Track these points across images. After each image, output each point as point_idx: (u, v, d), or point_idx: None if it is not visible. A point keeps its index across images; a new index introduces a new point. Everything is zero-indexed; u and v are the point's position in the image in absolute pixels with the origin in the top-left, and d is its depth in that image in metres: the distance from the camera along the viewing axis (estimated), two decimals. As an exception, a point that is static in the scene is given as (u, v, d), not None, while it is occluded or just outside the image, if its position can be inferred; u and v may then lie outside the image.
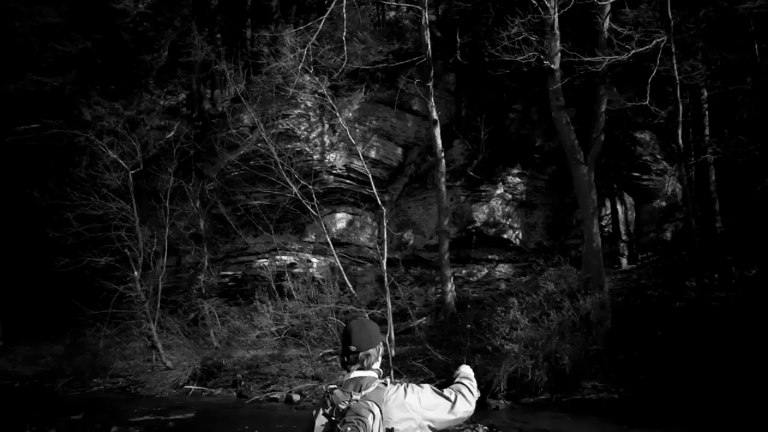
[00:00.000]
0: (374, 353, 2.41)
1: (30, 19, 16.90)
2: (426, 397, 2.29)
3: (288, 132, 17.54)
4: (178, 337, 15.39)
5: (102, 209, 14.51)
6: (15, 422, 10.09)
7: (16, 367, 17.78)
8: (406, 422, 2.22)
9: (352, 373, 2.37)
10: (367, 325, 2.54)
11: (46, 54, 16.80)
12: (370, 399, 2.20)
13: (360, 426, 2.14)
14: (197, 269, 18.11)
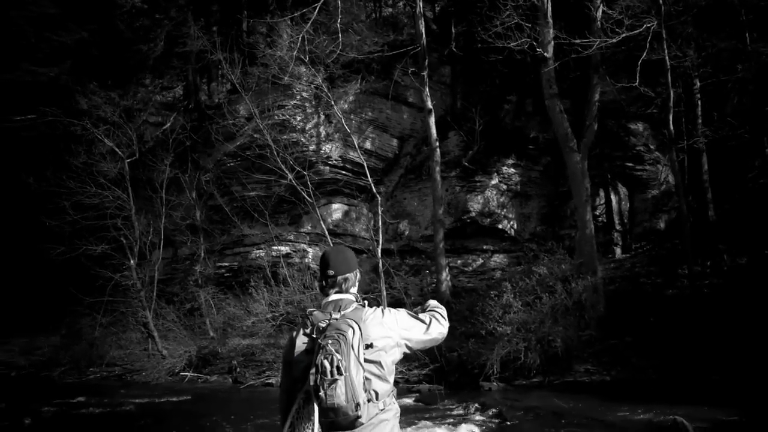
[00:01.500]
0: (352, 278, 2.49)
1: (26, 9, 16.93)
2: (402, 318, 2.37)
3: (284, 123, 17.61)
4: (174, 325, 15.44)
5: (98, 198, 14.56)
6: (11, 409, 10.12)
7: (13, 358, 17.81)
8: (385, 339, 2.30)
9: (330, 296, 2.46)
10: (344, 251, 2.63)
11: (41, 44, 16.83)
12: (350, 318, 2.28)
13: (341, 339, 2.22)
14: (193, 260, 18.17)
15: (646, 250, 16.61)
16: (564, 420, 7.81)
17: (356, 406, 2.14)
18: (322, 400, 2.23)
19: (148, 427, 8.56)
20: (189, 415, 9.47)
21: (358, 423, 2.19)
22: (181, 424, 8.59)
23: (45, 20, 17.02)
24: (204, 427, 8.28)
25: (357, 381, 2.15)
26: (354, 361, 2.18)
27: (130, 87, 16.66)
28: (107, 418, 9.43)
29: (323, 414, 2.24)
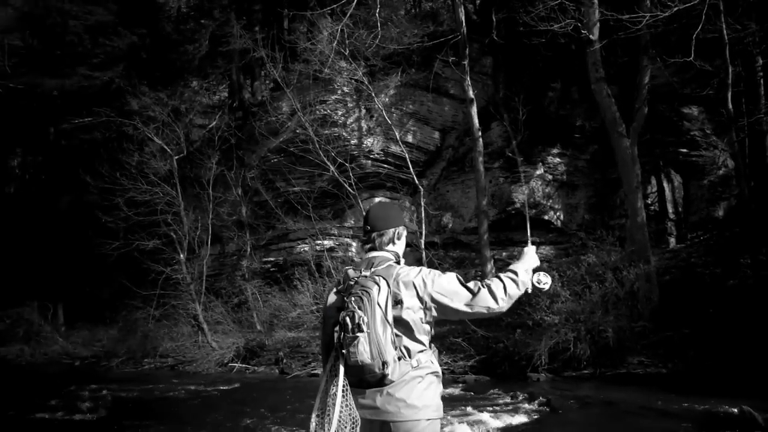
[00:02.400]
0: (390, 234, 2.41)
1: (82, 18, 17.79)
2: (441, 282, 2.24)
3: (325, 117, 17.75)
4: (223, 317, 15.83)
5: (149, 194, 15.09)
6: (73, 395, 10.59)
7: (76, 349, 18.76)
8: (413, 299, 2.21)
9: (368, 254, 2.40)
10: (385, 207, 2.55)
11: (96, 50, 17.65)
12: (379, 274, 2.22)
13: (364, 296, 2.15)
14: (240, 255, 18.59)
15: (703, 240, 15.79)
16: (618, 409, 7.50)
17: (383, 363, 2.08)
18: (346, 357, 2.18)
19: (199, 412, 8.78)
20: (237, 401, 9.66)
21: (387, 381, 2.12)
22: (230, 410, 8.77)
23: (100, 27, 17.82)
24: (251, 413, 8.42)
25: (384, 338, 2.09)
26: (380, 319, 2.11)
27: (177, 87, 17.22)
28: (161, 404, 9.75)
29: (350, 371, 2.17)
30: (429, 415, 2.18)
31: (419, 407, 2.15)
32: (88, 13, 17.84)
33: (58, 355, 18.65)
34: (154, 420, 8.14)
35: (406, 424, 2.14)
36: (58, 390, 11.36)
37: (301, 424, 7.35)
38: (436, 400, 2.23)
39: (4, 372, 16.24)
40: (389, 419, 2.14)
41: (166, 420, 8.10)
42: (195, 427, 7.39)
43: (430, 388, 2.22)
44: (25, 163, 27.87)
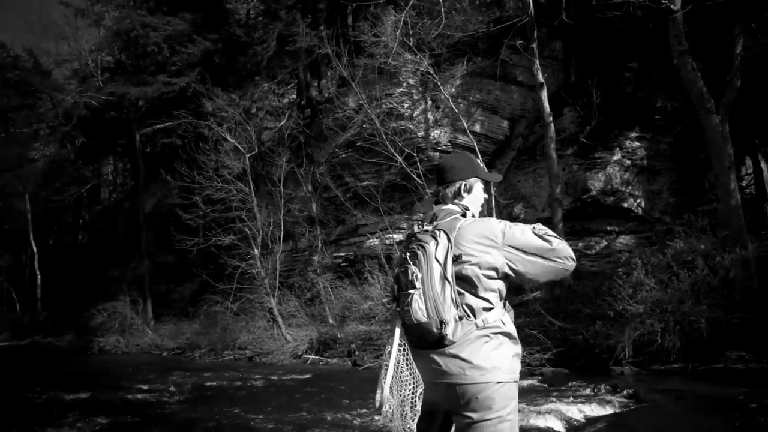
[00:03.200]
0: (456, 186, 2.26)
1: (162, 29, 18.89)
2: (514, 233, 2.06)
3: (392, 111, 17.74)
4: (297, 311, 16.22)
5: (224, 192, 15.74)
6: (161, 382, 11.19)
7: (163, 341, 19.95)
8: (480, 253, 2.04)
9: (434, 208, 2.28)
10: (454, 158, 2.39)
11: (174, 58, 18.68)
12: (440, 228, 2.07)
13: (419, 251, 2.01)
14: (312, 250, 18.99)
15: (808, 224, 14.27)
16: (714, 404, 6.87)
17: (441, 323, 1.92)
18: (402, 315, 2.06)
19: (273, 397, 8.99)
20: (310, 389, 9.82)
21: (447, 341, 1.96)
22: (304, 396, 8.92)
23: (177, 37, 18.84)
24: (324, 398, 8.52)
25: (442, 296, 1.93)
26: (438, 275, 1.95)
27: (248, 88, 17.85)
28: (238, 389, 10.09)
29: (408, 331, 2.04)
30: (499, 377, 2.00)
31: (486, 368, 1.98)
32: (166, 24, 18.93)
33: (148, 346, 19.93)
34: (231, 402, 8.43)
35: (473, 386, 1.98)
36: (149, 376, 12.16)
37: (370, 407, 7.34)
38: (507, 361, 2.04)
39: (104, 359, 17.55)
40: (453, 381, 1.99)
41: (243, 403, 8.36)
42: (270, 409, 7.56)
43: (501, 349, 2.04)
44: (116, 169, 30.02)
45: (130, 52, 22.15)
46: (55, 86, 25.44)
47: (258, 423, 6.81)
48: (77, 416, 7.47)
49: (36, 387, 10.17)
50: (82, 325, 23.26)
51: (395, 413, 2.07)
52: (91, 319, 21.80)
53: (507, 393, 2.02)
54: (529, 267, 2.05)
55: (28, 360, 18.74)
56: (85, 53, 25.40)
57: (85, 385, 10.55)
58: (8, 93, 27.42)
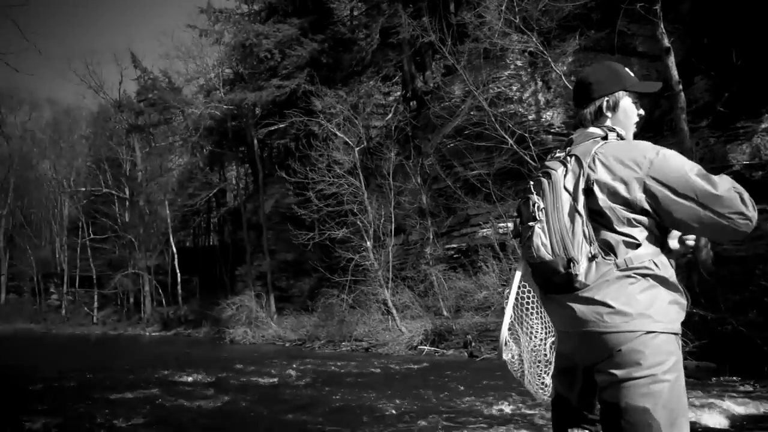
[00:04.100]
0: (598, 104, 1.88)
1: (272, 36, 19.95)
2: (666, 164, 1.61)
3: (500, 95, 17.13)
4: (411, 301, 16.24)
5: (336, 186, 16.18)
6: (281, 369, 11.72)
7: (285, 333, 21.06)
8: (617, 183, 1.65)
9: (574, 133, 1.95)
10: (595, 71, 1.95)
11: (285, 62, 19.64)
12: (573, 153, 1.75)
13: (544, 179, 1.72)
14: (423, 242, 18.93)
15: None
16: None
17: (569, 261, 1.60)
18: (524, 253, 1.76)
19: (389, 383, 8.97)
20: (428, 378, 9.69)
21: (578, 283, 1.62)
22: (423, 384, 8.80)
23: (286, 41, 19.78)
24: (443, 386, 8.33)
25: (570, 230, 1.61)
26: (567, 206, 1.63)
27: (354, 84, 18.21)
28: (355, 376, 10.24)
29: (534, 271, 1.74)
30: (649, 326, 1.60)
31: (631, 314, 1.60)
32: (276, 31, 19.98)
33: (272, 338, 21.15)
34: (352, 387, 8.55)
35: (614, 336, 1.61)
36: (273, 362, 12.83)
37: (492, 396, 7.01)
38: (661, 308, 1.63)
39: (234, 348, 18.92)
40: (589, 329, 1.64)
41: (363, 387, 8.43)
42: (390, 393, 7.52)
43: (650, 293, 1.63)
44: (239, 174, 32.34)
45: (246, 63, 23.70)
46: (186, 101, 28.01)
47: (380, 405, 6.80)
48: (212, 393, 8.04)
49: (184, 369, 11.13)
50: (215, 318, 25.32)
51: (525, 366, 1.80)
52: (222, 313, 23.64)
53: (662, 346, 1.60)
54: (679, 212, 1.59)
55: (175, 347, 20.74)
56: (209, 69, 27.71)
57: (219, 369, 11.40)
58: (150, 111, 30.77)
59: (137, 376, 10.68)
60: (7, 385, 10.10)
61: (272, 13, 23.36)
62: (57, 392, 8.79)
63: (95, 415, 6.54)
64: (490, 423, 5.69)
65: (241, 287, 26.44)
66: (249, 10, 25.22)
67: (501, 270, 13.94)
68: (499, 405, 6.66)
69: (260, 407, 7.11)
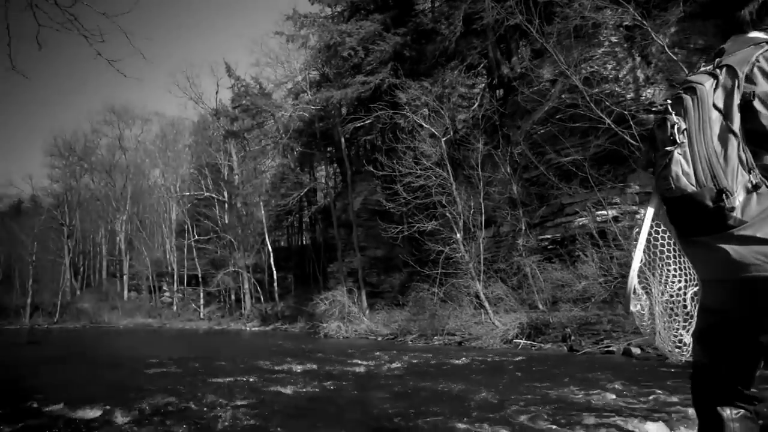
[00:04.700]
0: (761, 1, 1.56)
1: (355, 33, 20.20)
2: None
3: (593, 75, 16.08)
4: (504, 294, 15.71)
5: (423, 178, 16.00)
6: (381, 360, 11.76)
7: (378, 327, 21.26)
8: None
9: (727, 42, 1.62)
10: None
11: (368, 57, 19.79)
12: (725, 63, 1.43)
13: (687, 94, 1.45)
14: (515, 233, 18.26)
15: None
16: None
17: (720, 192, 1.31)
18: (660, 186, 1.46)
19: (490, 375, 8.65)
20: (526, 371, 9.24)
21: (732, 219, 1.32)
22: (521, 377, 8.40)
23: (369, 38, 19.93)
24: (542, 379, 7.87)
25: (722, 155, 1.33)
26: (715, 126, 1.35)
27: (439, 75, 17.92)
28: (454, 369, 10.00)
29: (671, 206, 1.44)
30: None
31: None
32: (359, 29, 20.19)
33: (365, 332, 21.42)
34: (447, 377, 8.35)
35: None
36: (366, 355, 12.92)
37: (597, 389, 6.50)
38: None
39: (328, 342, 19.38)
40: (751, 275, 1.32)
41: (458, 378, 8.20)
42: (487, 384, 7.23)
43: None
44: (327, 173, 33.19)
45: (331, 64, 24.23)
46: (276, 105, 29.19)
47: (478, 396, 6.54)
48: (307, 381, 8.20)
49: (281, 359, 11.53)
50: (310, 314, 26.14)
51: (658, 320, 1.51)
52: (316, 308, 24.34)
53: None
54: None
55: (272, 341, 21.66)
56: (296, 72, 28.67)
57: (313, 360, 11.67)
58: (243, 117, 32.50)
59: (238, 365, 11.20)
60: (128, 369, 11.02)
61: (354, 12, 23.71)
62: (167, 376, 9.41)
63: (201, 395, 6.88)
64: (599, 414, 5.25)
65: (333, 284, 27.07)
66: (332, 12, 25.77)
67: (601, 259, 13.05)
68: (606, 397, 6.16)
69: (354, 394, 7.11)
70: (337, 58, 22.99)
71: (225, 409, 6.00)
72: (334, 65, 24.09)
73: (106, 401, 6.45)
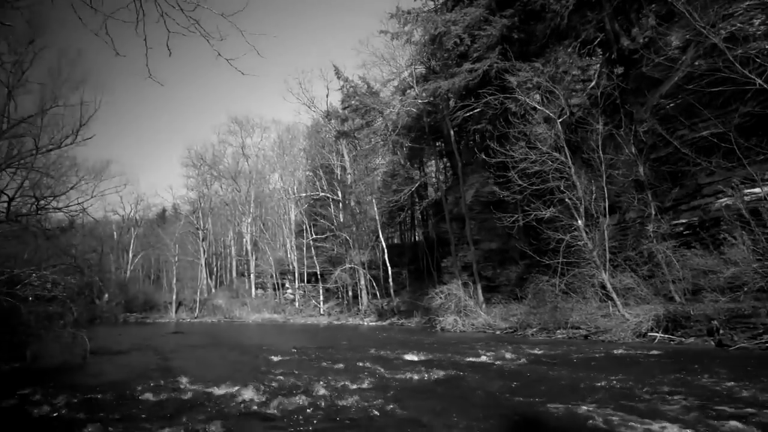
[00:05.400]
0: None
1: (460, 21, 19.76)
2: None
3: (734, 35, 14.19)
4: (635, 283, 14.43)
5: (539, 164, 15.18)
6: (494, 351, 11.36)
7: (495, 321, 20.65)
8: None
9: None
10: None
11: (474, 44, 19.24)
12: None
13: None
14: (644, 218, 16.72)
15: None
16: None
17: None
18: None
19: (625, 369, 7.91)
20: (667, 367, 8.32)
21: None
22: (661, 372, 7.58)
23: (474, 24, 19.40)
24: (689, 377, 7.02)
25: None
26: None
27: (551, 54, 16.90)
28: (581, 360, 9.33)
29: None
30: None
31: None
32: (464, 15, 19.71)
33: (482, 326, 20.91)
34: (570, 368, 7.77)
35: None
36: (486, 347, 12.52)
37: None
38: None
39: (445, 336, 19.20)
40: None
41: (583, 369, 7.59)
42: (624, 377, 6.60)
43: None
44: (437, 168, 32.97)
45: (437, 56, 24.02)
46: (384, 102, 29.62)
47: (610, 386, 5.98)
48: (427, 368, 8.07)
49: (399, 349, 11.57)
50: (425, 308, 26.10)
51: None
52: (431, 302, 24.24)
53: None
54: None
55: (390, 334, 21.98)
56: (402, 68, 28.82)
57: (432, 351, 11.54)
58: (353, 117, 33.42)
59: (360, 354, 11.41)
60: (257, 356, 11.72)
61: (458, 1, 23.24)
62: (293, 362, 9.82)
63: (327, 379, 7.05)
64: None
65: (447, 278, 26.80)
66: (435, 5, 25.53)
67: (754, 242, 11.43)
68: None
69: (478, 381, 6.86)
70: (442, 50, 22.71)
71: (351, 392, 6.07)
72: (439, 57, 23.84)
73: (237, 381, 6.85)
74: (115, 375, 9.00)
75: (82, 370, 10.02)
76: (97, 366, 10.66)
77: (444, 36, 20.56)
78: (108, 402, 6.56)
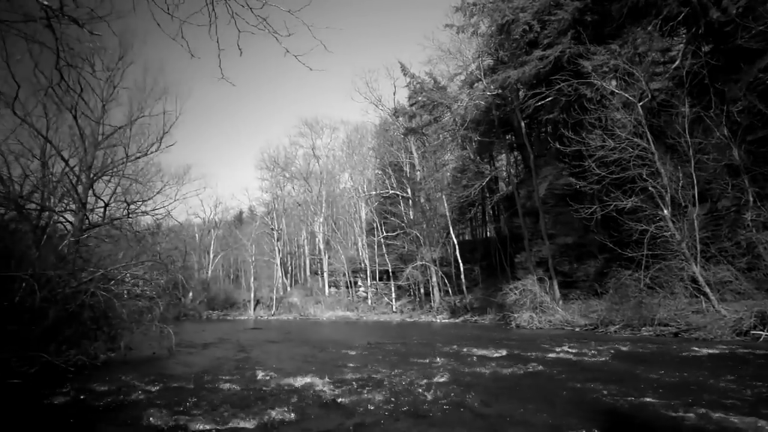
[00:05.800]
0: None
1: (529, 7, 19.09)
2: None
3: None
4: (733, 276, 13.29)
5: (618, 151, 14.32)
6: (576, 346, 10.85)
7: (574, 318, 19.81)
8: None
9: None
10: None
11: (545, 30, 18.48)
12: None
13: None
14: (740, 206, 15.37)
15: None
16: None
17: None
18: None
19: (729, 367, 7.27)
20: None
21: None
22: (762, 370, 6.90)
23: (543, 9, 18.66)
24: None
25: None
26: None
27: (629, 34, 15.88)
28: (674, 359, 8.69)
29: None
30: None
31: None
32: (533, 1, 19.00)
33: (560, 323, 20.11)
34: (661, 366, 7.22)
35: None
36: (565, 343, 12.01)
37: None
38: None
39: (522, 333, 18.65)
40: None
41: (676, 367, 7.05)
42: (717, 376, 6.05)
43: None
44: (508, 161, 32.13)
45: (504, 46, 23.36)
46: (451, 97, 29.23)
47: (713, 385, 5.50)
48: (505, 364, 7.81)
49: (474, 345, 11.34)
50: (499, 305, 25.49)
51: None
52: (505, 298, 23.64)
53: None
54: None
55: (463, 330, 21.67)
56: (469, 61, 28.28)
57: (508, 347, 11.20)
58: (420, 113, 33.27)
59: (433, 350, 11.28)
60: (331, 350, 11.90)
61: (526, -13, 22.44)
62: (366, 357, 9.86)
63: (399, 372, 6.99)
64: None
65: (522, 274, 26.03)
66: (502, -7, 24.83)
67: None
68: None
69: (559, 378, 6.54)
70: (510, 39, 22.05)
71: (424, 386, 5.97)
72: (507, 47, 23.17)
73: (313, 373, 6.94)
74: (199, 366, 9.45)
75: (169, 362, 10.61)
76: (182, 358, 11.27)
77: (512, 24, 19.94)
78: (192, 390, 6.87)
